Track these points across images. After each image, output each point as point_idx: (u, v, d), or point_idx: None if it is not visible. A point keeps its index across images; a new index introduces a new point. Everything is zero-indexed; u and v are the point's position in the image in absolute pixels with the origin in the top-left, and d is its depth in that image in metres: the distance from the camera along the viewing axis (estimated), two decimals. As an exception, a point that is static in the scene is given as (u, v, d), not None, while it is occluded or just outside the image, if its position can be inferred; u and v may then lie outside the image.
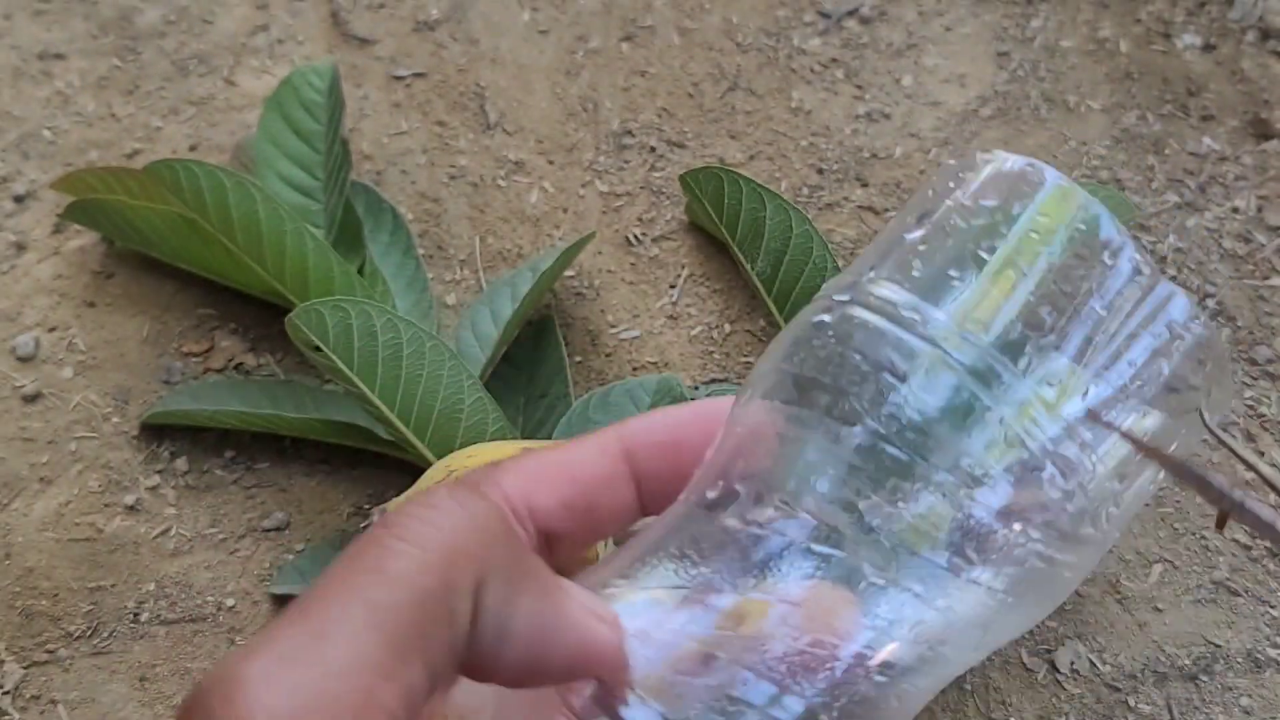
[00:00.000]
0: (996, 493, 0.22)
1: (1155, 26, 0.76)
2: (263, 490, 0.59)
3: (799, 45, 0.75)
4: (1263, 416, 0.61)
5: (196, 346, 0.63)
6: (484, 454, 0.52)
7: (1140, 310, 0.24)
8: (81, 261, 0.65)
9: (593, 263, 0.66)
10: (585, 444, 0.26)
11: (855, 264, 0.25)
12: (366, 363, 0.52)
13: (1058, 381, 0.23)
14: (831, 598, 0.23)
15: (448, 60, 0.74)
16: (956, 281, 0.24)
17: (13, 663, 0.54)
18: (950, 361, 0.23)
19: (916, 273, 0.24)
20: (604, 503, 0.25)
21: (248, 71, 0.73)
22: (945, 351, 0.23)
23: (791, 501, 0.23)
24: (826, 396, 0.23)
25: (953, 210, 0.25)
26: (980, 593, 0.23)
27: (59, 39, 0.74)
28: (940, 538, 0.22)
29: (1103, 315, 0.24)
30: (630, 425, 0.26)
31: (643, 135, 0.71)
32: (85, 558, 0.56)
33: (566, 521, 0.25)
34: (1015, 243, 0.24)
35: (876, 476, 0.23)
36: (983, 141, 0.71)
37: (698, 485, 0.25)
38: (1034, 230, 0.24)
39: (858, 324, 0.23)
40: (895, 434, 0.22)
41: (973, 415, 0.23)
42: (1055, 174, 0.25)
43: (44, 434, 0.60)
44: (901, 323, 0.23)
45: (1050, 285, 0.24)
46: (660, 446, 0.26)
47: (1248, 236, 0.68)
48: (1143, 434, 0.24)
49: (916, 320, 0.23)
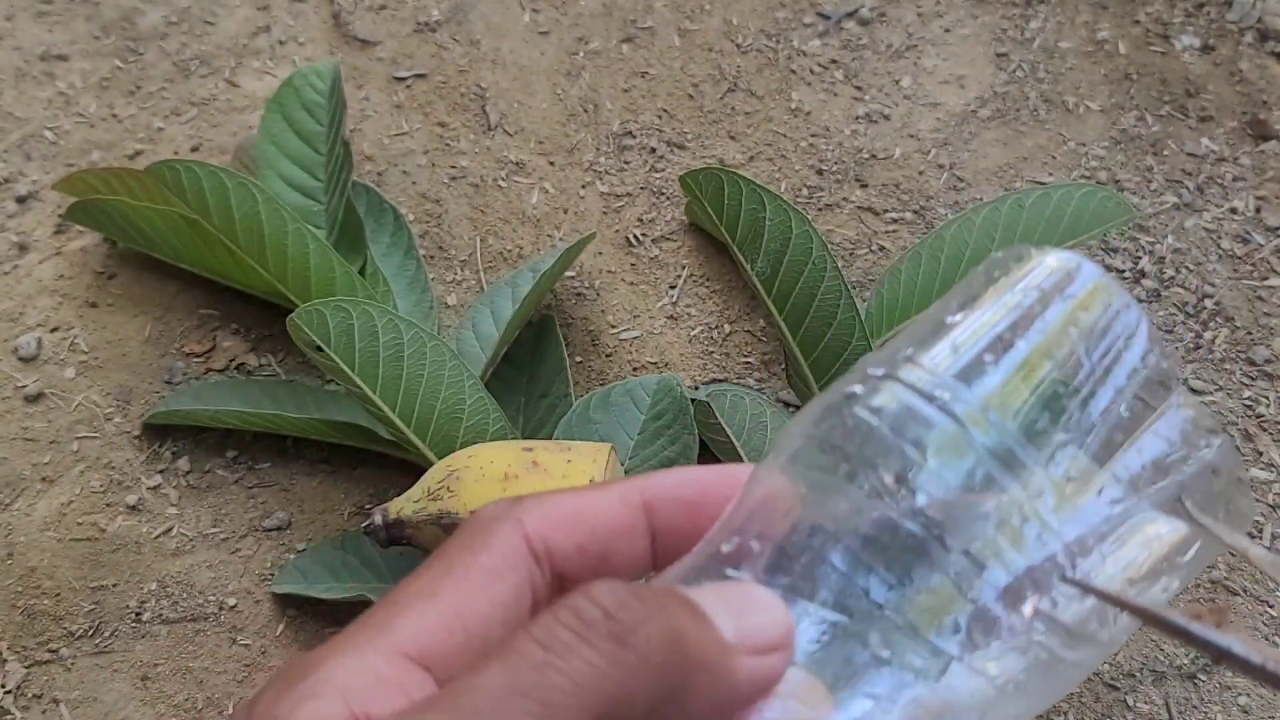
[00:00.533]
0: (1006, 580, 0.23)
1: (1154, 28, 0.76)
2: (264, 490, 0.59)
3: (799, 47, 0.75)
4: (1260, 417, 0.61)
5: (198, 347, 0.63)
6: (484, 454, 0.52)
7: (1163, 416, 0.25)
8: (84, 262, 0.65)
9: (593, 263, 0.66)
10: (608, 491, 0.26)
11: (894, 341, 0.26)
12: (368, 363, 0.52)
13: (1077, 475, 0.24)
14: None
15: (449, 61, 0.74)
16: (990, 366, 0.24)
17: (15, 662, 0.54)
18: (973, 442, 0.23)
19: (952, 355, 0.24)
20: (619, 551, 0.25)
21: (249, 73, 0.73)
22: (969, 431, 0.23)
23: (804, 566, 0.23)
24: (849, 465, 0.23)
25: (994, 298, 0.25)
26: (982, 680, 0.23)
27: (61, 40, 0.74)
28: (946, 621, 0.23)
29: (1125, 417, 0.25)
30: (654, 479, 0.26)
31: (643, 136, 0.71)
32: (87, 557, 0.56)
33: (580, 566, 0.25)
34: (1051, 335, 0.24)
35: (890, 551, 0.23)
36: (981, 142, 0.71)
37: (714, 538, 0.25)
38: (1071, 324, 0.25)
39: (887, 397, 0.24)
40: (912, 510, 0.23)
41: (990, 498, 0.23)
42: (1098, 271, 0.25)
43: (46, 434, 0.60)
44: (931, 400, 0.23)
45: (1079, 380, 0.24)
46: (683, 503, 0.26)
47: (1246, 237, 0.68)
48: (1156, 538, 0.25)
49: (945, 399, 0.23)
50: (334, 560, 0.55)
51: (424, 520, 0.51)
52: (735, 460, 0.55)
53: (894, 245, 0.67)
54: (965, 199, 0.69)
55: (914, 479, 0.23)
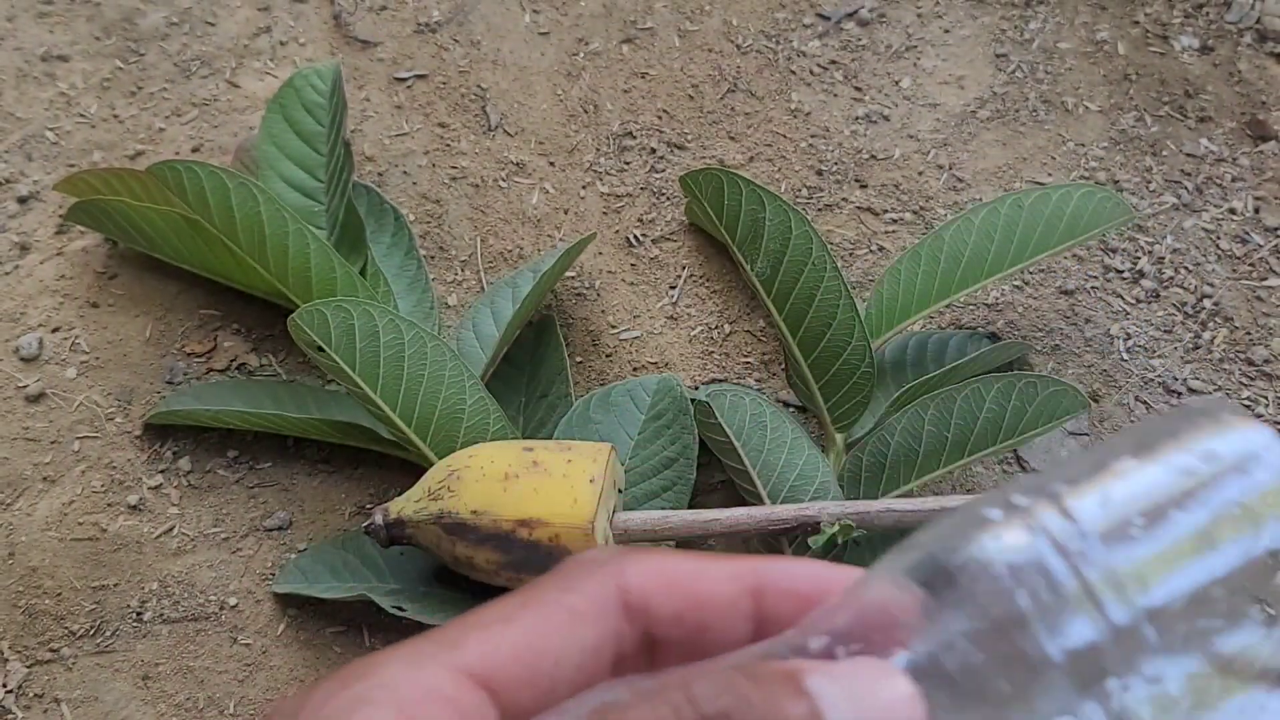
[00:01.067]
0: None
1: (1153, 28, 0.77)
2: (265, 490, 0.59)
3: (798, 47, 0.75)
4: (1260, 416, 0.62)
5: (199, 347, 0.63)
6: (484, 454, 0.52)
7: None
8: (85, 262, 0.65)
9: (593, 263, 0.66)
10: (720, 565, 0.25)
11: (1052, 470, 0.24)
12: (368, 363, 0.52)
13: (1200, 680, 0.21)
14: None
15: (449, 62, 0.74)
16: (1138, 530, 0.22)
17: (16, 661, 0.54)
18: (1096, 609, 0.21)
19: (1104, 504, 0.22)
20: (718, 628, 0.24)
21: (250, 73, 0.73)
22: (1096, 596, 0.21)
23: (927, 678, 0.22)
24: (957, 596, 0.22)
25: (1170, 455, 0.23)
26: None
27: (62, 41, 0.74)
28: None
29: (1265, 633, 0.22)
30: (772, 565, 0.25)
31: (643, 137, 0.71)
32: (88, 557, 0.57)
33: (675, 633, 0.24)
34: (1217, 516, 0.22)
35: (974, 692, 0.21)
36: (981, 143, 0.72)
37: (803, 630, 0.23)
38: (1241, 509, 0.22)
39: (1018, 533, 0.22)
40: (1008, 661, 0.21)
41: (1094, 674, 0.21)
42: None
43: (47, 434, 0.60)
44: (1064, 552, 0.21)
45: (1231, 575, 0.22)
46: (797, 597, 0.24)
47: (1245, 237, 0.68)
48: None
49: (1082, 553, 0.21)
50: (335, 560, 0.55)
51: (425, 520, 0.51)
52: (735, 460, 0.55)
53: (894, 245, 0.67)
54: (965, 199, 0.69)
55: (1019, 630, 0.21)
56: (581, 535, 0.49)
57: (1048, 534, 0.22)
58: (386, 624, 0.55)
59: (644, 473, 0.56)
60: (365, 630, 0.55)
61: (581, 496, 0.49)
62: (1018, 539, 0.22)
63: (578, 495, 0.49)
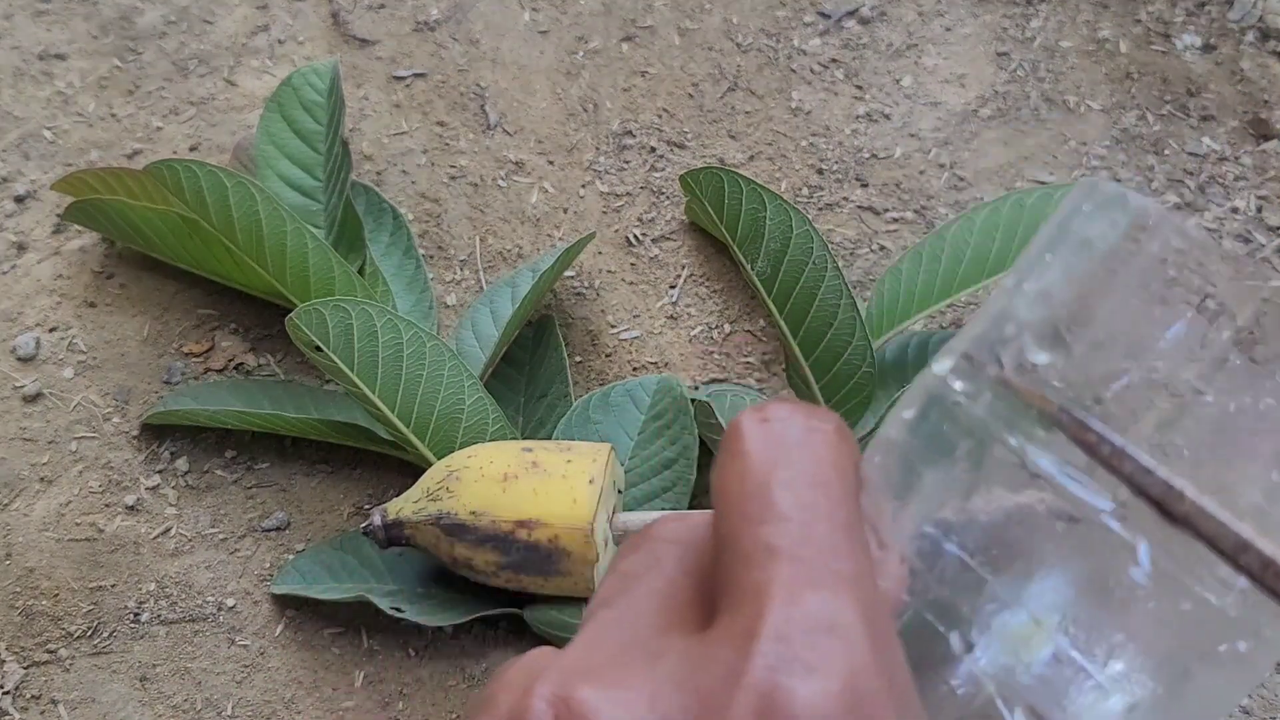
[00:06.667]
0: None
1: (1155, 27, 0.76)
2: (263, 490, 0.59)
3: (799, 46, 0.75)
4: (1262, 416, 0.61)
5: (197, 346, 0.63)
6: (484, 454, 0.52)
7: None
8: (82, 262, 0.65)
9: (593, 263, 0.66)
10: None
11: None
12: (367, 363, 0.52)
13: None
14: None
15: (448, 61, 0.74)
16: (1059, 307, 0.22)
17: (13, 662, 0.54)
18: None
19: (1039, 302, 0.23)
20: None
21: (248, 72, 0.73)
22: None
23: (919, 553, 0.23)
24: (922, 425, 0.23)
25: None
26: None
27: (60, 39, 0.74)
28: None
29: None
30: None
31: (643, 136, 0.71)
32: (86, 557, 0.56)
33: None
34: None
35: (931, 456, 0.22)
36: (982, 142, 0.71)
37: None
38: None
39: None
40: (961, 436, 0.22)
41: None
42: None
43: (44, 434, 0.60)
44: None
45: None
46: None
47: (1247, 236, 0.68)
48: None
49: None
50: (333, 561, 0.55)
51: (423, 521, 0.51)
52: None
53: (894, 245, 0.67)
54: (966, 198, 0.69)
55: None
56: (581, 536, 0.49)
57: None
58: (385, 625, 0.55)
59: (644, 473, 0.56)
60: (364, 631, 0.55)
61: (581, 497, 0.49)
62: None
63: (577, 496, 0.49)
